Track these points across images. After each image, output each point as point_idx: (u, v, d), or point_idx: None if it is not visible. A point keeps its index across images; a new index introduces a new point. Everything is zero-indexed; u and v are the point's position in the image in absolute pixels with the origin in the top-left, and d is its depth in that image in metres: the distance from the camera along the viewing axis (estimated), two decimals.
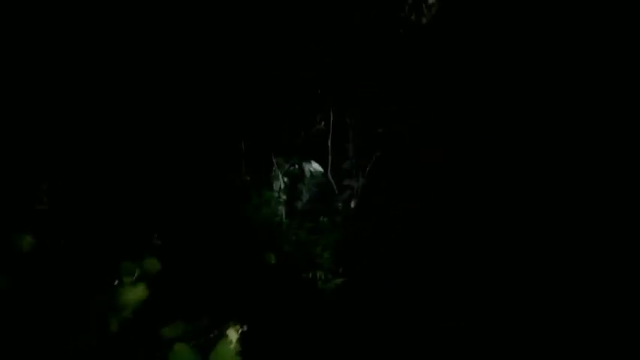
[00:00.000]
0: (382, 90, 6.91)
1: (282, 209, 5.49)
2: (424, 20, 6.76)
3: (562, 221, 5.09)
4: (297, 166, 5.92)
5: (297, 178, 5.88)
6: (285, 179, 5.70)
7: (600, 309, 4.07)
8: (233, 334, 1.92)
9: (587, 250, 4.62)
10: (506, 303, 4.34)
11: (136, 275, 2.02)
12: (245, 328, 1.91)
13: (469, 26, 6.41)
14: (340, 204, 5.90)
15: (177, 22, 5.50)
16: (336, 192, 5.93)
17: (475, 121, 6.42)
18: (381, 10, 6.74)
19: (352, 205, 5.92)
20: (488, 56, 6.32)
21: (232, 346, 1.90)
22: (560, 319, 4.08)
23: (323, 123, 6.36)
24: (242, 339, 1.90)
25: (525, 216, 5.30)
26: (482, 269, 4.78)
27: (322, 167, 6.09)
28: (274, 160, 5.75)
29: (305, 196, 5.80)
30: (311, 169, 5.99)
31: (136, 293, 1.99)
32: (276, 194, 5.55)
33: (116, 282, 2.00)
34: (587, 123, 5.58)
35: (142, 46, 5.27)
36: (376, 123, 6.88)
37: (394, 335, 4.14)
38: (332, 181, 5.98)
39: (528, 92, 6.12)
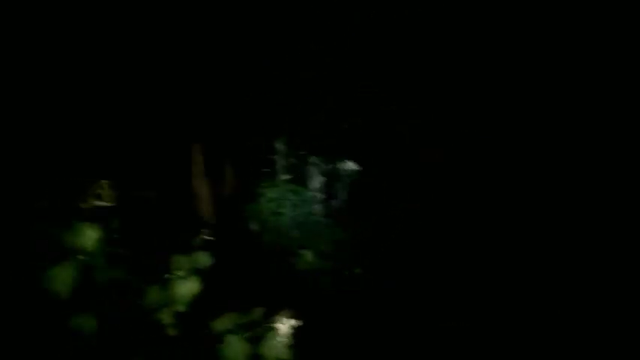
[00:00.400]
0: (382, 90, 6.95)
1: (319, 208, 5.50)
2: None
3: (562, 221, 5.16)
4: (332, 165, 5.93)
5: (333, 176, 5.89)
6: (322, 178, 5.70)
7: (600, 308, 4.13)
8: (283, 327, 1.98)
9: (587, 250, 4.69)
10: (506, 303, 4.37)
11: (188, 269, 2.07)
12: (294, 322, 1.98)
13: (468, 27, 6.45)
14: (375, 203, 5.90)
15: (183, 26, 5.50)
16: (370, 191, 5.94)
17: (475, 121, 6.49)
18: (381, 10, 6.77)
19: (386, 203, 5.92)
20: (487, 57, 6.39)
21: (282, 338, 1.97)
22: (560, 319, 4.12)
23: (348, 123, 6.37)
24: (292, 332, 1.97)
25: (525, 216, 5.36)
26: (482, 269, 4.79)
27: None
28: (310, 160, 5.74)
29: (341, 195, 5.80)
30: (347, 167, 5.99)
31: (188, 287, 2.04)
32: (313, 193, 5.56)
33: (169, 276, 2.05)
34: (586, 123, 5.67)
35: (157, 53, 5.30)
36: (376, 123, 6.92)
37: (396, 334, 4.12)
38: (366, 180, 5.99)
39: (528, 92, 6.21)
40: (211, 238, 2.15)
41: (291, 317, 1.99)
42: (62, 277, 1.85)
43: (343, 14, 6.54)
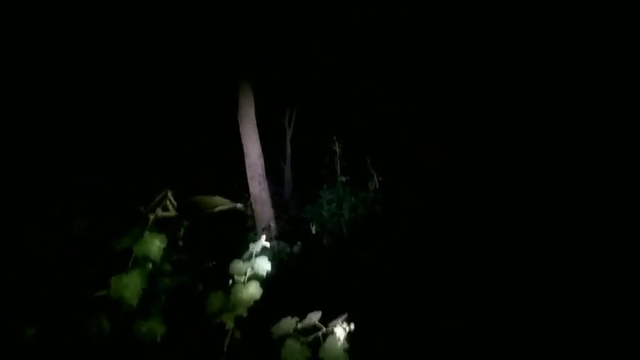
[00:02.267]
0: (382, 90, 7.00)
1: (378, 208, 5.49)
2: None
3: (561, 221, 5.22)
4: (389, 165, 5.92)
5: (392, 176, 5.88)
6: (380, 178, 5.69)
7: (600, 308, 4.00)
8: (341, 332, 2.02)
9: (587, 249, 4.60)
10: (506, 303, 4.28)
11: (248, 274, 2.12)
12: (352, 326, 2.03)
13: (468, 27, 6.49)
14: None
15: (183, 27, 5.51)
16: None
17: (475, 121, 6.55)
18: (381, 10, 6.79)
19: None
20: (487, 57, 6.45)
21: (340, 343, 2.01)
22: (560, 319, 4.01)
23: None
24: (350, 336, 2.02)
25: (525, 216, 5.41)
26: (482, 269, 4.72)
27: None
28: (369, 160, 5.74)
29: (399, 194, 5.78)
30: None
31: (249, 292, 2.09)
32: (372, 194, 5.55)
33: (230, 282, 2.10)
34: (586, 123, 5.75)
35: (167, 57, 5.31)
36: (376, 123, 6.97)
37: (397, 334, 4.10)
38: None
39: (527, 93, 6.27)
40: (271, 243, 2.19)
41: (350, 321, 2.04)
42: (131, 285, 1.89)
43: (343, 14, 6.55)
